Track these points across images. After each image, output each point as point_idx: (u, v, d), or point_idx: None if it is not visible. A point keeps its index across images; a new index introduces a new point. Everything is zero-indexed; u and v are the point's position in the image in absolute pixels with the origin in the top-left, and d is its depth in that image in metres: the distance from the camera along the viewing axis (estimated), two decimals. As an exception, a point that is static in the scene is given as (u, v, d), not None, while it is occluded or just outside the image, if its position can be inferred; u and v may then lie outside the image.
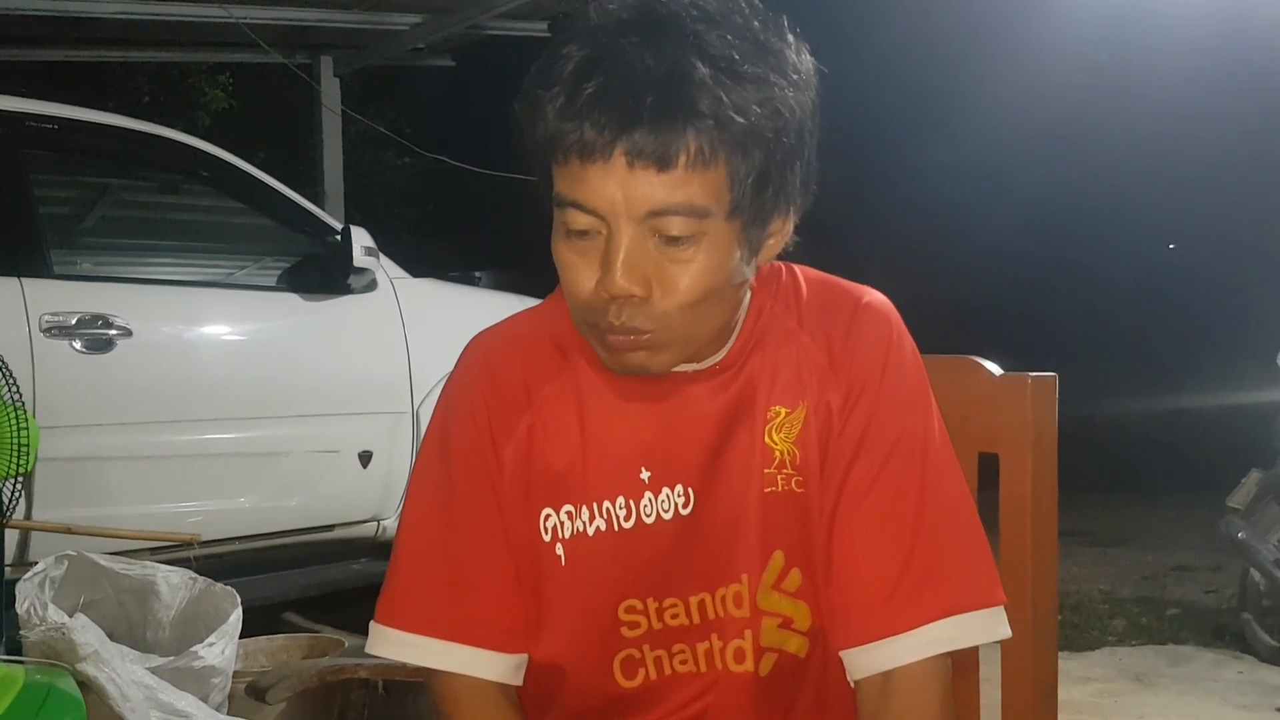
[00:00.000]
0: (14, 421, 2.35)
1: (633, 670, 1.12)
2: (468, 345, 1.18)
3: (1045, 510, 1.27)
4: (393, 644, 1.14)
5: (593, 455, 1.11)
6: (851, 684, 1.10)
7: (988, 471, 1.33)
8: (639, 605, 1.11)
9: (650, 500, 1.10)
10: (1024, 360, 1.46)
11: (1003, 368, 1.33)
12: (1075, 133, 10.69)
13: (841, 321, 1.11)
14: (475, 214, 11.31)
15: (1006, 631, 1.08)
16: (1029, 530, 1.27)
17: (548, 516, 1.11)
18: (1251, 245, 10.18)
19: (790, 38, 1.01)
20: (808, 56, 1.02)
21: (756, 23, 0.99)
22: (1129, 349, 11.19)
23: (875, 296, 1.15)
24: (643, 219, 0.96)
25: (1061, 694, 1.34)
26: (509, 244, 9.37)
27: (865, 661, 1.08)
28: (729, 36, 0.96)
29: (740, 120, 0.94)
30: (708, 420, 1.10)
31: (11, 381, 2.43)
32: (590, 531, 1.10)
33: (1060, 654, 1.35)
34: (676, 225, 0.96)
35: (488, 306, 4.15)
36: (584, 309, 1.02)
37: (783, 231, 1.06)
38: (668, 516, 1.10)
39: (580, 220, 0.98)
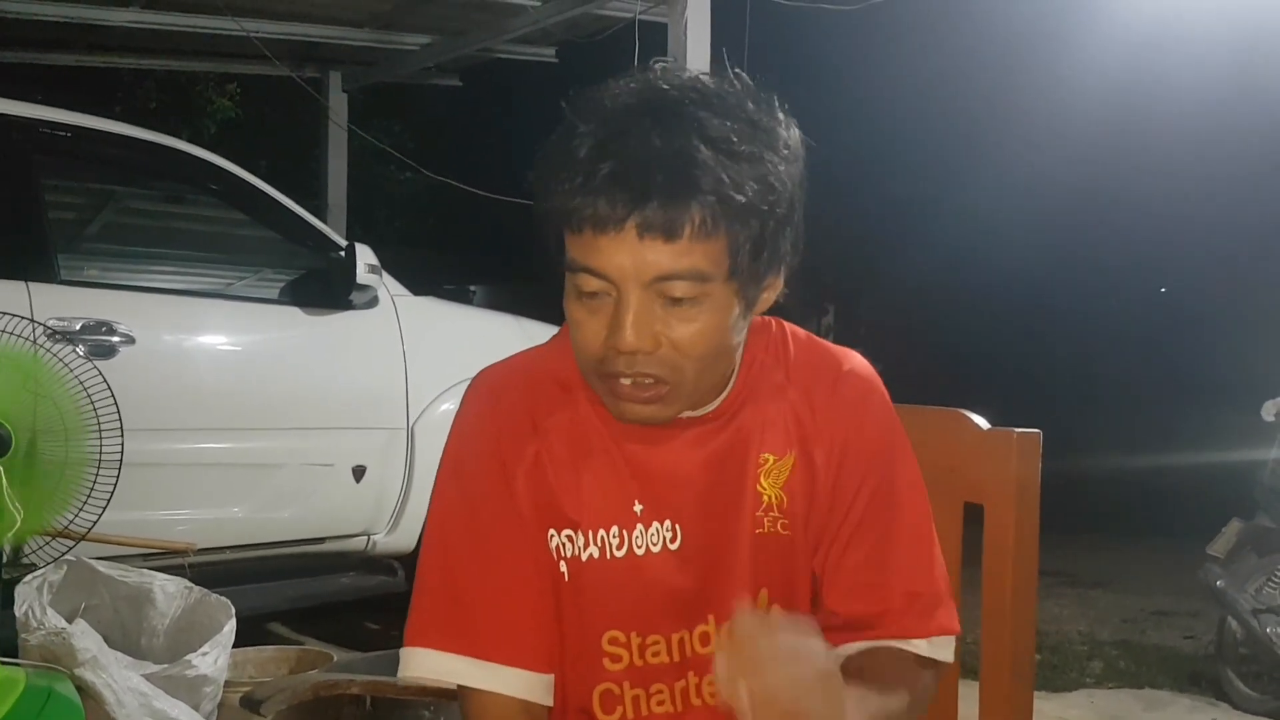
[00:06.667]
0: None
1: (611, 706, 1.18)
2: (473, 380, 1.24)
3: (1026, 561, 1.32)
4: (425, 664, 1.16)
5: (589, 485, 1.17)
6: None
7: (972, 513, 1.38)
8: (622, 638, 1.17)
9: (641, 532, 1.17)
10: (1016, 406, 1.51)
11: (994, 413, 1.38)
12: (1066, 187, 10.78)
13: (826, 383, 1.21)
14: (474, 229, 11.37)
15: (950, 656, 1.20)
16: (1010, 580, 1.32)
17: (552, 537, 1.17)
18: (1238, 299, 10.28)
19: (780, 115, 1.11)
20: (796, 130, 1.12)
21: (750, 104, 1.09)
22: (1119, 398, 11.27)
23: (858, 362, 1.24)
24: (650, 283, 1.05)
25: (1037, 736, 1.38)
26: (505, 261, 9.42)
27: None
28: (727, 120, 1.06)
29: (739, 196, 1.04)
30: (695, 464, 1.18)
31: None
32: (584, 558, 1.17)
33: (1037, 694, 1.40)
34: (680, 288, 1.06)
35: (485, 326, 4.18)
36: (594, 361, 1.10)
37: (775, 287, 1.15)
38: (656, 550, 1.17)
39: (592, 284, 1.07)
